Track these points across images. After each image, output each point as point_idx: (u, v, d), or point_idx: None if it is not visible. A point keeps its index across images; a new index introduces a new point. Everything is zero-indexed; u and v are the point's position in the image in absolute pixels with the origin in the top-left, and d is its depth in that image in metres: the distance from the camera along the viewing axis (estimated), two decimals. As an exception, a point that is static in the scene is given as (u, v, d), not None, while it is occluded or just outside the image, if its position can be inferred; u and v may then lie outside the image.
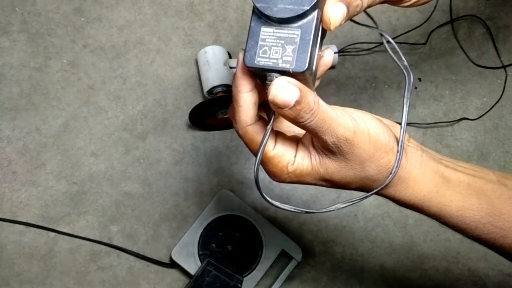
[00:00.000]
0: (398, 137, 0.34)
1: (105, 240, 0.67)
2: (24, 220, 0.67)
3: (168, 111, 0.71)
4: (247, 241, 0.65)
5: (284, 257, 0.68)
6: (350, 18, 0.33)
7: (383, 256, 0.69)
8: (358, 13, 0.33)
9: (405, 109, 0.35)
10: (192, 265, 0.64)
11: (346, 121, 0.32)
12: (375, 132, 0.34)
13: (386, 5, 0.39)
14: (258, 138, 0.33)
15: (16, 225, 0.67)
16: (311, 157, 0.34)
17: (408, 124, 0.66)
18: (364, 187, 0.36)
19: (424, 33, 0.74)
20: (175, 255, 0.64)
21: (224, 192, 0.66)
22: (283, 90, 0.29)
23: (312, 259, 0.69)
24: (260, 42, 0.31)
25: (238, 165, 0.70)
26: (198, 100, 0.72)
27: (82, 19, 0.73)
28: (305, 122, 0.30)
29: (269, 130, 0.32)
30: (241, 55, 0.32)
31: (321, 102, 0.31)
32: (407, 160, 0.35)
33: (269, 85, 0.30)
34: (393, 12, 0.76)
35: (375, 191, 0.35)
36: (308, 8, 0.30)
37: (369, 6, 0.34)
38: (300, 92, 0.29)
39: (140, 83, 0.71)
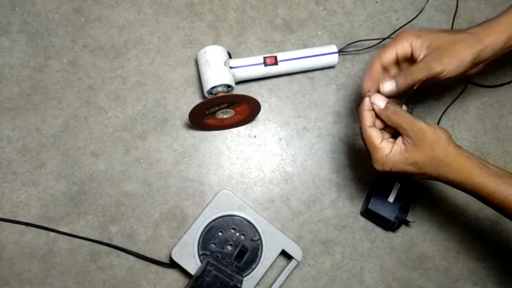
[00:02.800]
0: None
1: (105, 240, 0.67)
2: (24, 220, 0.67)
3: (168, 111, 0.71)
4: (247, 241, 0.65)
5: (284, 257, 0.68)
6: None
7: (383, 256, 0.69)
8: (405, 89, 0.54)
9: None
10: (192, 265, 0.64)
11: (417, 120, 0.51)
12: (438, 129, 0.51)
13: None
14: (375, 139, 0.53)
15: (16, 225, 0.67)
16: (400, 147, 0.52)
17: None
18: (435, 168, 0.51)
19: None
20: (175, 255, 0.64)
21: (224, 192, 0.66)
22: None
23: (312, 259, 0.69)
24: None
25: (238, 165, 0.70)
26: (198, 100, 0.72)
27: (82, 19, 0.73)
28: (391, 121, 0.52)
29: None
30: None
31: (401, 111, 0.52)
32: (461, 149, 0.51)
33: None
34: (393, 12, 0.76)
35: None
36: None
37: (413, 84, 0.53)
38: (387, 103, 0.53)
39: (140, 83, 0.71)
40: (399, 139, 0.52)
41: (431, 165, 0.50)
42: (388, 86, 0.54)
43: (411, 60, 0.55)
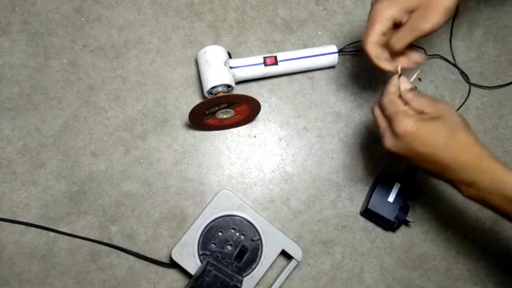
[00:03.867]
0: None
1: (105, 240, 0.67)
2: (24, 220, 0.67)
3: (168, 111, 0.71)
4: (247, 241, 0.65)
5: (284, 257, 0.68)
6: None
7: (383, 256, 0.69)
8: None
9: None
10: (192, 265, 0.64)
11: (442, 101, 0.52)
12: (460, 114, 0.52)
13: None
14: (399, 103, 0.53)
15: (16, 225, 0.67)
16: (424, 117, 0.50)
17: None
18: (453, 148, 0.49)
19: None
20: (175, 255, 0.64)
21: (224, 192, 0.66)
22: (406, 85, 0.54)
23: (312, 259, 0.69)
24: None
25: (238, 165, 0.70)
26: (198, 100, 0.72)
27: (82, 19, 0.73)
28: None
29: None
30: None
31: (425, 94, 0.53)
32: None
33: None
34: (393, 12, 0.76)
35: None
36: None
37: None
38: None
39: (140, 83, 0.71)
40: (423, 112, 0.51)
41: (454, 140, 0.49)
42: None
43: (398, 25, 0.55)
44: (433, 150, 0.49)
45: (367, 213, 0.67)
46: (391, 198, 0.66)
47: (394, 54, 0.56)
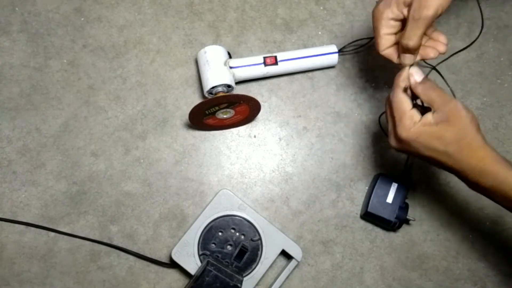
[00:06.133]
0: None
1: (105, 240, 0.67)
2: (24, 220, 0.67)
3: (168, 111, 0.71)
4: (247, 241, 0.65)
5: (284, 257, 0.68)
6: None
7: (383, 256, 0.69)
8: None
9: None
10: (192, 265, 0.64)
11: (453, 98, 0.50)
12: (471, 112, 0.50)
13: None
14: (406, 103, 0.52)
15: (16, 225, 0.67)
16: (430, 119, 0.50)
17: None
18: (460, 150, 0.49)
19: (424, 33, 0.74)
20: (175, 255, 0.64)
21: (224, 192, 0.66)
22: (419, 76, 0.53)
23: (312, 259, 0.69)
24: None
25: (238, 165, 0.70)
26: (198, 100, 0.72)
27: (82, 19, 0.73)
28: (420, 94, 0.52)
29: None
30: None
31: (437, 86, 0.51)
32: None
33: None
34: (393, 12, 0.76)
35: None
36: None
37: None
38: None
39: (140, 83, 0.71)
40: (429, 113, 0.50)
41: (458, 145, 0.49)
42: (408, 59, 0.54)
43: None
44: (436, 154, 0.50)
45: (368, 216, 0.67)
46: (389, 199, 0.66)
47: (412, 52, 0.54)
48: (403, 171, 0.71)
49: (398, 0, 0.52)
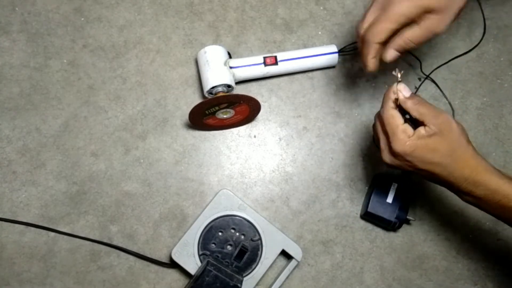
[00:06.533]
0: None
1: (105, 240, 0.67)
2: (24, 220, 0.67)
3: (168, 111, 0.71)
4: (247, 241, 0.65)
5: (284, 257, 0.68)
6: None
7: (383, 256, 0.69)
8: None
9: None
10: (192, 265, 0.64)
11: (442, 111, 0.51)
12: (460, 125, 0.52)
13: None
14: (398, 119, 0.52)
15: (16, 225, 0.67)
16: (423, 133, 0.50)
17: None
18: (453, 162, 0.50)
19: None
20: (175, 255, 0.64)
21: (224, 192, 0.66)
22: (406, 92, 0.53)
23: (312, 259, 0.69)
24: None
25: (238, 165, 0.70)
26: (198, 100, 0.72)
27: (82, 19, 0.73)
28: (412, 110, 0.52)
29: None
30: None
31: (425, 101, 0.52)
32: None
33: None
34: (393, 12, 0.76)
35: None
36: None
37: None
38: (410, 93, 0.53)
39: (140, 83, 0.71)
40: (421, 127, 0.51)
41: (451, 157, 0.50)
42: (392, 54, 0.54)
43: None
44: (430, 167, 0.51)
45: (368, 216, 0.67)
46: (389, 199, 0.66)
47: (400, 51, 0.55)
48: (403, 171, 0.70)
49: (422, 4, 0.51)
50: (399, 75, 0.53)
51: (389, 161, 0.53)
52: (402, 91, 0.53)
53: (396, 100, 0.53)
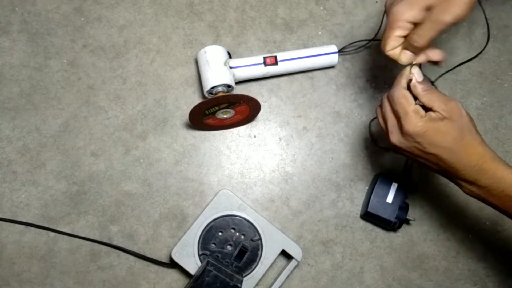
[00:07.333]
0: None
1: (105, 240, 0.67)
2: (24, 220, 0.67)
3: (168, 111, 0.71)
4: (247, 241, 0.65)
5: (284, 257, 0.68)
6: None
7: (383, 256, 0.69)
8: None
9: None
10: (192, 265, 0.64)
11: (451, 98, 0.52)
12: (468, 113, 0.52)
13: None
14: (410, 99, 0.52)
15: (16, 225, 0.67)
16: (434, 116, 0.50)
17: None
18: (462, 147, 0.50)
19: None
20: (175, 255, 0.64)
21: (224, 192, 0.66)
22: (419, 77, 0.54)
23: (312, 259, 0.69)
24: None
25: (238, 165, 0.70)
26: (198, 100, 0.72)
27: (82, 19, 0.73)
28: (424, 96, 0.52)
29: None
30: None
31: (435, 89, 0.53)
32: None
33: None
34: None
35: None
36: None
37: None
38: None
39: (140, 83, 0.71)
40: (431, 112, 0.51)
41: (461, 142, 0.50)
42: (406, 55, 0.54)
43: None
44: (439, 151, 0.50)
45: (368, 216, 0.67)
46: (389, 199, 0.66)
47: (414, 51, 0.54)
48: (403, 171, 0.71)
49: (422, 4, 0.51)
50: (414, 60, 0.54)
51: (397, 143, 0.53)
52: (416, 75, 0.53)
53: (410, 81, 0.53)
